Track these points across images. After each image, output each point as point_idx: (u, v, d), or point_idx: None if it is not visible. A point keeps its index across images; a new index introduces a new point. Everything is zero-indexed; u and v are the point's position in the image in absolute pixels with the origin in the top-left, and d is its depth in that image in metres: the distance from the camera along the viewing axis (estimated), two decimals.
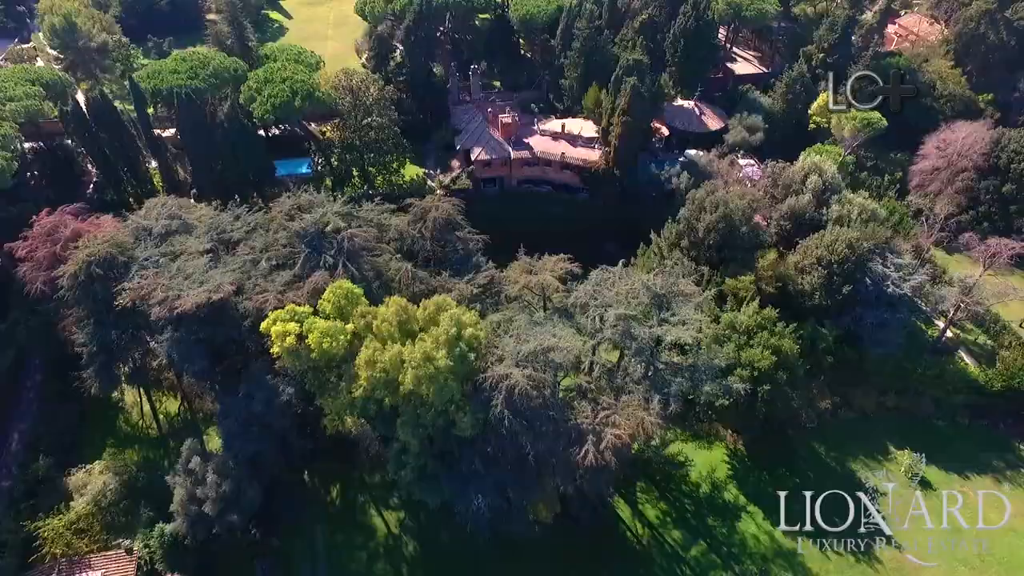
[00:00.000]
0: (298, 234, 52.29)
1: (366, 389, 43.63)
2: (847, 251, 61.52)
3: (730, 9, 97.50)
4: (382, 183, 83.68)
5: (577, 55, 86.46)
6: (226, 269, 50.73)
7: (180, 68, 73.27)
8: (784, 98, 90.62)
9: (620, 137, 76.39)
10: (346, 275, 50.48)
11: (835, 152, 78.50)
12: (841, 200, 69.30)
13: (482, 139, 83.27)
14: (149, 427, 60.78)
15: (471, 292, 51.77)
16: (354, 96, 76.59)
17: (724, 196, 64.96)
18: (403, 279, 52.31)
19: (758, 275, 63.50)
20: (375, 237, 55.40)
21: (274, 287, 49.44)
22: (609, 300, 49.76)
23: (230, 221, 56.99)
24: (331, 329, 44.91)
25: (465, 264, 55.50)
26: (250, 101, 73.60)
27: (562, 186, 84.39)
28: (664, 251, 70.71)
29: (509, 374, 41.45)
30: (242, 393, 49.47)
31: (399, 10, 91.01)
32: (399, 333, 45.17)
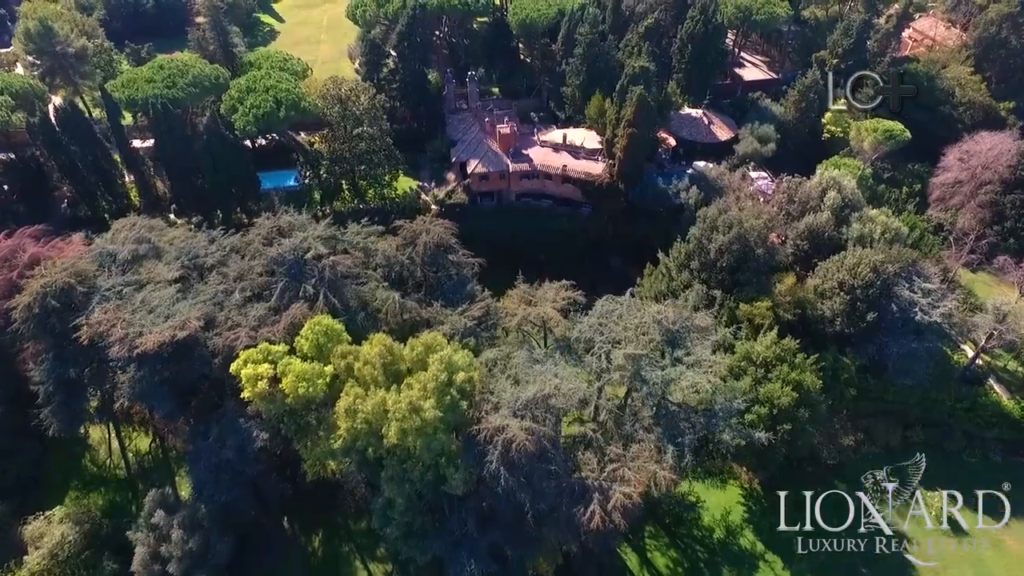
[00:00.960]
0: (276, 261, 47.81)
1: (346, 440, 39.13)
2: (872, 275, 57.12)
3: (739, 13, 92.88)
4: (373, 197, 79.27)
5: (579, 62, 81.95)
6: (195, 300, 46.24)
7: (156, 77, 68.70)
8: (797, 106, 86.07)
9: (625, 149, 71.88)
10: (327, 307, 46.05)
11: (854, 166, 73.91)
12: (862, 218, 64.81)
13: (479, 151, 78.77)
14: (117, 467, 56.25)
15: (465, 325, 47.28)
16: (343, 106, 72.10)
17: (738, 215, 60.55)
18: (390, 311, 47.86)
19: (775, 300, 59.10)
20: (361, 263, 50.98)
21: (247, 321, 44.92)
22: (616, 335, 45.26)
23: (204, 245, 52.49)
24: (308, 372, 40.41)
25: (459, 292, 51.00)
26: (232, 112, 69.12)
27: (563, 200, 79.86)
28: (673, 272, 66.31)
29: (506, 426, 36.94)
30: (212, 437, 44.98)
31: (392, 14, 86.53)
32: (384, 376, 40.64)
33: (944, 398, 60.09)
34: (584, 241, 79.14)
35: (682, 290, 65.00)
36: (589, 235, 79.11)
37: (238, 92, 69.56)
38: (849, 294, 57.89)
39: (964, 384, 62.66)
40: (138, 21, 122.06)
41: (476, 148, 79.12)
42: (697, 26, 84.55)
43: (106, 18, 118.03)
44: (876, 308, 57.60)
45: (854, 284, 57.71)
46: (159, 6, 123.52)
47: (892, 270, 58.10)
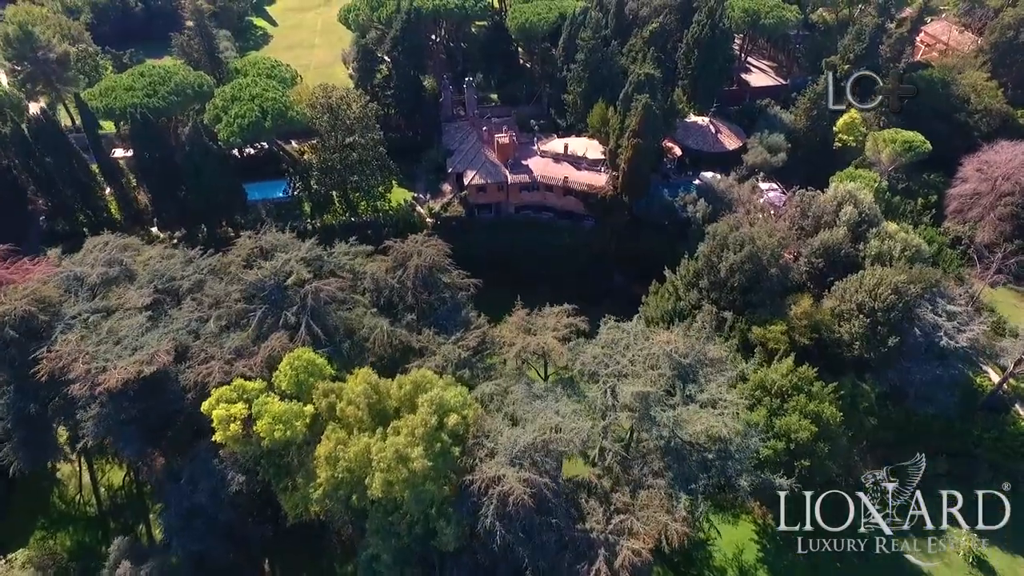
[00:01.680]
0: (255, 287, 44.29)
1: (326, 490, 35.57)
2: (893, 297, 53.57)
3: (747, 17, 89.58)
4: (366, 209, 75.81)
5: (581, 68, 78.52)
6: (166, 330, 42.72)
7: (136, 84, 65.19)
8: (807, 114, 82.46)
9: (630, 161, 68.37)
10: (309, 336, 42.52)
11: (869, 178, 70.34)
12: (880, 234, 61.31)
13: (476, 161, 75.29)
14: (88, 503, 52.61)
15: (459, 356, 43.75)
16: (333, 115, 68.60)
17: (750, 233, 57.00)
18: (378, 340, 44.34)
19: (790, 323, 55.55)
20: (348, 287, 47.44)
21: (222, 354, 41.40)
22: (623, 368, 41.75)
23: (180, 266, 49.00)
24: (286, 413, 36.86)
25: (452, 319, 47.47)
26: (215, 121, 65.61)
27: (565, 213, 76.36)
28: (680, 291, 62.81)
29: (502, 477, 33.41)
30: (184, 479, 41.44)
31: (385, 18, 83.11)
32: (369, 416, 37.12)
33: (970, 427, 56.51)
34: (586, 256, 75.68)
35: (690, 310, 61.74)
36: (591, 249, 75.66)
37: (222, 101, 66.06)
38: (869, 317, 54.34)
39: (989, 411, 59.12)
40: (127, 25, 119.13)
41: (473, 158, 75.65)
42: (704, 31, 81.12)
43: (93, 22, 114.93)
44: (898, 332, 54.12)
45: (874, 306, 54.22)
46: (149, 10, 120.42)
47: (915, 291, 54.64)
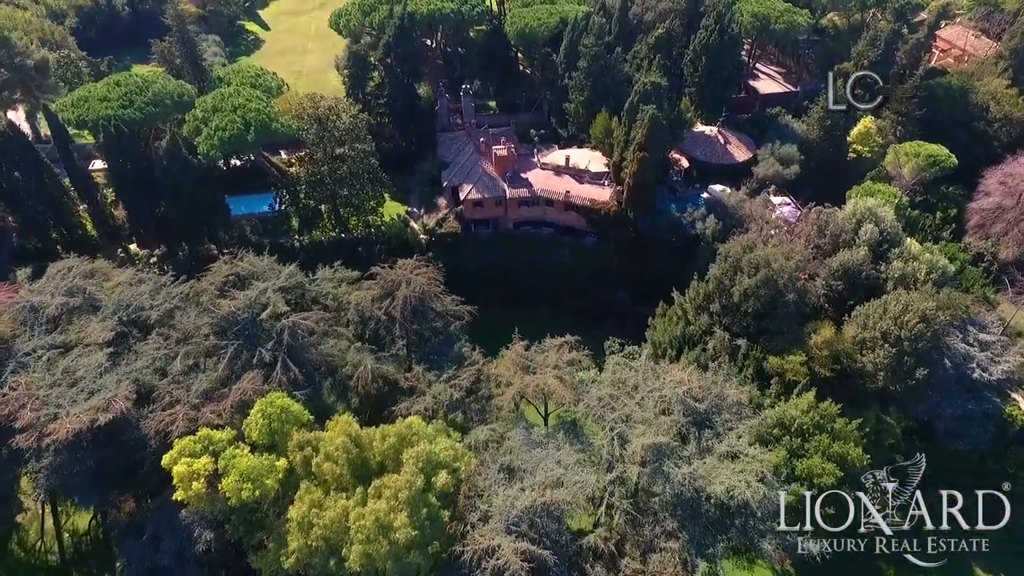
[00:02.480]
0: (227, 320, 40.37)
1: (298, 559, 31.61)
2: (921, 326, 49.62)
3: (756, 22, 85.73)
4: (356, 225, 71.89)
5: (584, 76, 74.66)
6: (129, 369, 38.80)
7: (111, 94, 61.32)
8: (821, 124, 78.53)
9: (635, 175, 64.50)
10: (286, 376, 38.60)
11: (889, 193, 66.34)
12: (904, 255, 57.45)
13: (473, 174, 71.42)
14: (50, 551, 48.58)
15: (451, 397, 39.80)
16: (321, 126, 64.76)
17: (765, 255, 53.08)
18: (363, 378, 40.40)
19: (810, 353, 51.65)
20: (331, 318, 43.53)
21: (189, 396, 37.46)
22: (630, 411, 37.80)
23: (148, 295, 45.04)
24: (255, 469, 32.92)
25: (445, 353, 43.56)
26: (195, 134, 61.75)
27: (566, 229, 72.46)
28: (690, 315, 58.98)
29: (497, 547, 29.44)
30: (146, 536, 37.49)
31: (378, 24, 79.29)
32: (348, 472, 33.18)
33: (1004, 464, 52.51)
34: (589, 274, 71.77)
35: (700, 336, 57.93)
36: (594, 267, 71.78)
37: (203, 112, 62.16)
38: (895, 346, 50.41)
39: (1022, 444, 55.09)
40: (114, 30, 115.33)
41: (470, 171, 71.77)
42: (712, 36, 77.27)
43: (78, 27, 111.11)
44: (926, 363, 50.18)
45: (900, 335, 50.27)
46: (136, 14, 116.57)
47: (944, 319, 50.74)
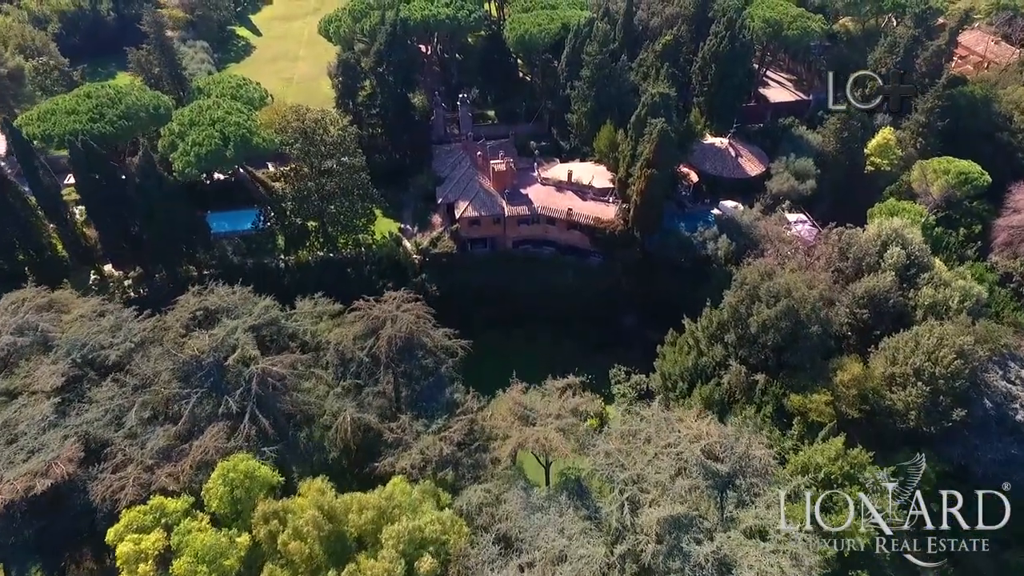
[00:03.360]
0: (190, 366, 36.08)
1: None
2: (958, 363, 45.27)
3: (768, 27, 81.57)
4: (346, 244, 67.66)
5: (587, 85, 70.44)
6: (79, 422, 34.54)
7: (81, 107, 57.06)
8: (838, 136, 74.34)
9: (643, 193, 60.21)
10: (255, 429, 34.31)
11: (915, 212, 61.94)
12: (934, 280, 53.16)
13: (469, 190, 67.16)
14: None
15: (441, 452, 35.43)
16: (307, 140, 60.58)
17: (786, 283, 48.77)
18: (342, 430, 36.09)
19: (836, 392, 47.32)
20: (308, 360, 39.24)
21: (143, 455, 33.15)
22: (642, 471, 33.45)
23: (109, 331, 40.77)
24: (212, 549, 28.54)
25: (435, 397, 39.18)
26: (171, 149, 57.56)
27: (569, 248, 68.20)
28: (702, 344, 54.74)
29: None
30: None
31: (370, 30, 75.12)
32: (321, 549, 28.85)
33: None
34: (593, 295, 67.46)
35: (714, 368, 53.68)
36: (598, 288, 67.46)
37: (179, 126, 57.95)
38: (929, 384, 46.09)
39: None
40: (99, 36, 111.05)
41: (466, 187, 67.51)
42: (722, 43, 73.13)
43: (61, 32, 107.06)
44: (963, 402, 45.88)
45: (935, 372, 45.95)
46: (122, 19, 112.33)
47: (982, 354, 46.47)
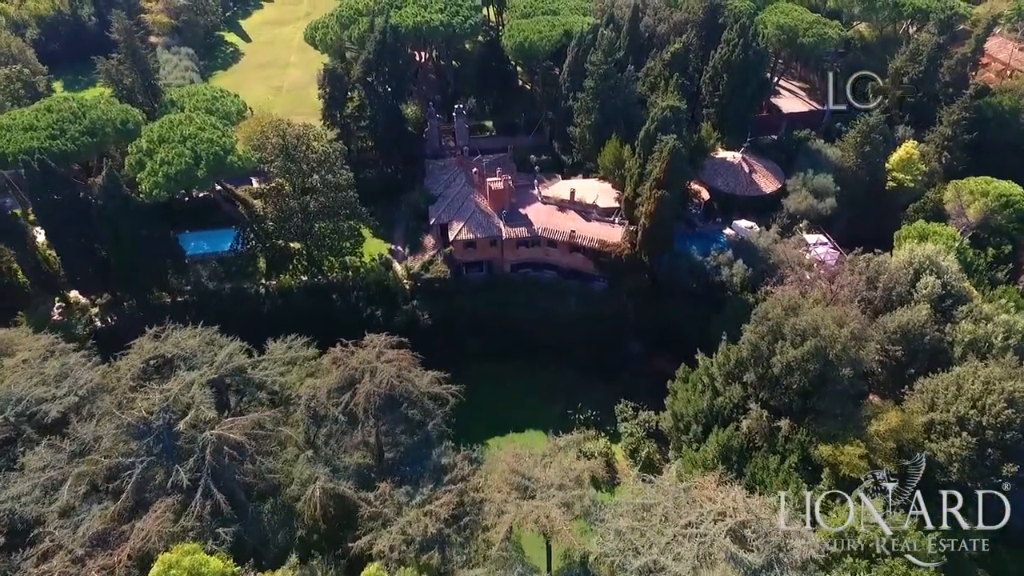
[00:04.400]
0: (136, 429, 31.25)
1: None
2: (1009, 412, 40.47)
3: (782, 34, 76.94)
4: (332, 267, 62.90)
5: (591, 97, 65.67)
6: (3, 498, 29.67)
7: (40, 122, 52.25)
8: (858, 150, 69.55)
9: (652, 215, 55.38)
10: (209, 506, 29.46)
11: (947, 235, 57.05)
12: (973, 314, 48.39)
13: (464, 210, 62.38)
14: None
15: (426, 530, 30.56)
16: (288, 158, 55.88)
17: (812, 320, 43.89)
18: (312, 504, 31.22)
19: (869, 443, 42.44)
20: (277, 417, 34.40)
21: (73, 541, 28.27)
22: (658, 557, 28.62)
23: (52, 383, 35.95)
24: None
25: (420, 461, 34.34)
26: (138, 168, 52.81)
27: (571, 272, 63.41)
28: (718, 383, 49.93)
29: None
30: None
31: (358, 38, 70.42)
32: None
33: None
34: (597, 322, 62.66)
35: (732, 410, 48.85)
36: (603, 315, 62.67)
37: (148, 142, 53.19)
38: (975, 435, 41.30)
39: None
40: (80, 41, 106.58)
41: (461, 207, 62.73)
42: (735, 51, 68.40)
43: (41, 38, 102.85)
44: (1014, 456, 41.03)
45: (982, 422, 41.16)
46: (103, 24, 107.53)
47: None
